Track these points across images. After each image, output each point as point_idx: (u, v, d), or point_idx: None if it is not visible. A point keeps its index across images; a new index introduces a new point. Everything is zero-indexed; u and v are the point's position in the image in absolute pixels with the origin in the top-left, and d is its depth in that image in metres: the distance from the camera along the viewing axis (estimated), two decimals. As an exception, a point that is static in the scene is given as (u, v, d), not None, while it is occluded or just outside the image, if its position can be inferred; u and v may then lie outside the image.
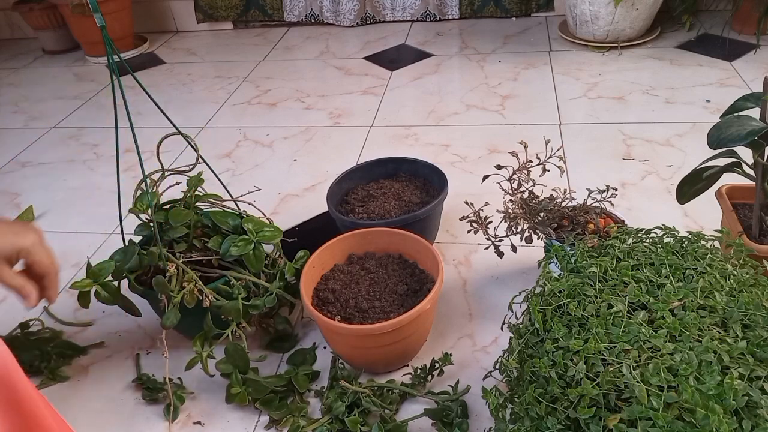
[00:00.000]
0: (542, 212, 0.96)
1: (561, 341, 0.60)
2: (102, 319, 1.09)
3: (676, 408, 0.52)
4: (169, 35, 2.54)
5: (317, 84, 1.94)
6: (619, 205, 1.17)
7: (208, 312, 0.88)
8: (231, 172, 1.50)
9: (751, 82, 1.62)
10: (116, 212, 0.97)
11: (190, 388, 0.94)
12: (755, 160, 0.83)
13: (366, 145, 1.55)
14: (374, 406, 0.83)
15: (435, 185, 1.16)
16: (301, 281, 0.91)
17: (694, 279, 0.64)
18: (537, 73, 1.83)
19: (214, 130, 1.73)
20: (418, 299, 0.88)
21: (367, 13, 2.37)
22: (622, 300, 0.62)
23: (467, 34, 2.20)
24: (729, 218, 0.91)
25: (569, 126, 1.52)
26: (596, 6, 1.85)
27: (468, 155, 1.45)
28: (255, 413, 0.89)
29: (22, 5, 2.41)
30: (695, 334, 0.57)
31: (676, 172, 1.30)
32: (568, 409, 0.57)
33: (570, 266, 0.72)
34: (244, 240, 0.91)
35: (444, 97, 1.76)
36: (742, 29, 1.90)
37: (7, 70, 2.37)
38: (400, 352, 0.91)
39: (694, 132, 1.44)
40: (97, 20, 0.78)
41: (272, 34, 2.42)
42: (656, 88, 1.66)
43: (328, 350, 0.97)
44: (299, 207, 1.34)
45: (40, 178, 1.59)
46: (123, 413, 0.92)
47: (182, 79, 2.09)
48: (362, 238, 1.00)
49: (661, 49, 1.89)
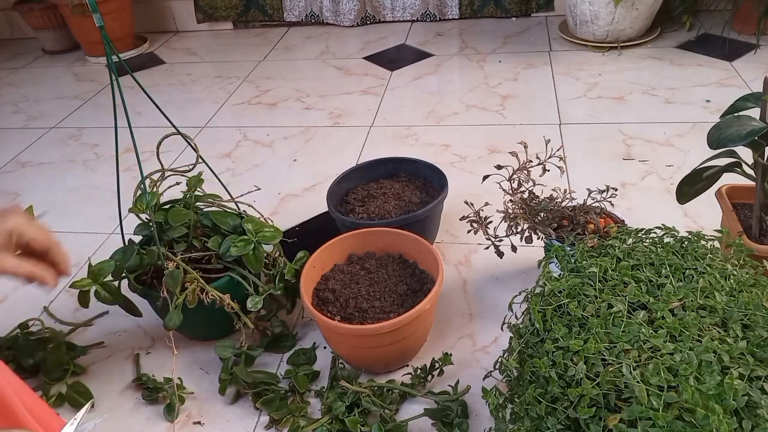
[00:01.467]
0: (542, 212, 0.96)
1: (561, 341, 0.60)
2: (102, 319, 1.09)
3: (676, 408, 0.52)
4: (169, 35, 2.54)
5: (317, 84, 1.94)
6: (619, 205, 1.17)
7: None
8: (231, 172, 1.50)
9: (751, 82, 1.62)
10: (116, 212, 0.97)
11: (190, 388, 0.94)
12: (755, 160, 0.83)
13: (366, 145, 1.55)
14: (374, 406, 0.83)
15: (435, 185, 1.16)
16: (301, 281, 0.91)
17: (694, 279, 0.64)
18: (537, 73, 1.83)
19: (214, 130, 1.73)
20: (418, 299, 0.88)
21: (367, 13, 2.37)
22: (622, 300, 0.62)
23: (467, 34, 2.20)
24: (729, 218, 0.91)
25: (569, 126, 1.52)
26: (596, 6, 1.85)
27: (468, 155, 1.45)
28: (255, 413, 0.89)
29: (22, 5, 2.41)
30: (695, 334, 0.57)
31: (676, 172, 1.30)
32: (568, 409, 0.57)
33: (570, 266, 0.72)
34: (244, 240, 0.91)
35: (444, 97, 1.76)
36: (742, 29, 1.90)
37: (7, 70, 2.37)
38: (400, 352, 0.91)
39: (694, 132, 1.44)
40: (96, 20, 0.78)
41: (272, 34, 2.42)
42: (656, 88, 1.66)
43: (328, 350, 0.97)
44: (299, 207, 1.34)
45: (40, 178, 1.59)
46: (123, 413, 0.92)
47: (182, 79, 2.09)
48: (362, 238, 1.00)
49: (661, 49, 1.89)
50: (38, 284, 0.64)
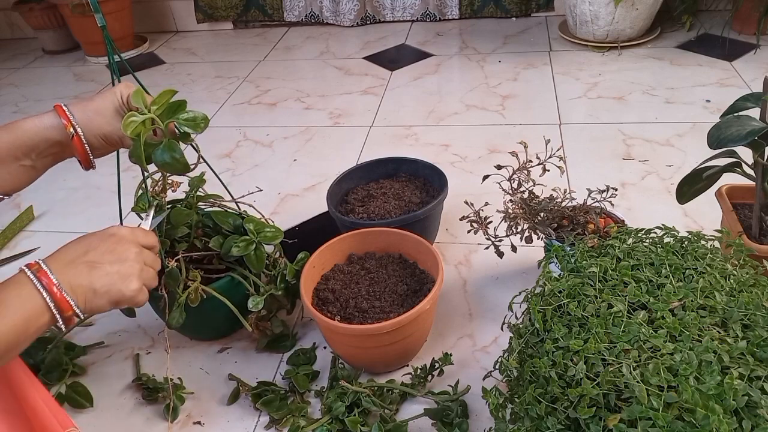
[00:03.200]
0: (542, 212, 0.96)
1: (561, 341, 0.60)
2: (102, 319, 1.09)
3: (676, 408, 0.52)
4: (169, 35, 2.54)
5: (317, 84, 1.94)
6: (619, 205, 1.18)
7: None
8: (231, 172, 1.50)
9: (751, 82, 1.62)
10: (116, 212, 0.96)
11: (190, 388, 0.94)
12: (755, 160, 0.83)
13: (366, 145, 1.55)
14: (374, 406, 0.83)
15: (435, 185, 1.16)
16: (301, 281, 0.91)
17: (694, 279, 0.64)
18: (537, 73, 1.83)
19: (214, 130, 1.73)
20: (418, 299, 0.88)
21: (367, 13, 2.37)
22: (622, 300, 0.62)
23: (467, 34, 2.20)
24: (729, 218, 0.91)
25: (569, 126, 1.52)
26: (596, 6, 1.85)
27: (468, 155, 1.45)
28: (255, 413, 0.89)
29: (22, 5, 2.41)
30: (695, 334, 0.57)
31: (676, 172, 1.30)
32: (568, 409, 0.57)
33: (570, 266, 0.72)
34: (246, 240, 0.91)
35: (444, 97, 1.76)
36: (742, 29, 1.90)
37: (7, 70, 2.37)
38: (400, 352, 0.91)
39: (694, 132, 1.44)
40: (98, 20, 0.78)
41: (272, 34, 2.43)
42: (656, 88, 1.66)
43: (328, 350, 0.97)
44: (299, 207, 1.34)
45: (40, 178, 1.58)
46: (123, 413, 0.92)
47: (182, 79, 2.10)
48: (362, 238, 1.00)
49: (661, 49, 1.90)
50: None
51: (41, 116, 0.71)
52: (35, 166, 0.72)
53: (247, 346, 1.01)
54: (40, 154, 0.72)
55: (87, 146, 0.72)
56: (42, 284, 0.59)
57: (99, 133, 0.73)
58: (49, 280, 0.60)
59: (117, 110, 0.73)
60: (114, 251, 0.66)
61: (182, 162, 0.74)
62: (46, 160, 0.73)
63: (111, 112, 0.73)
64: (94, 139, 0.73)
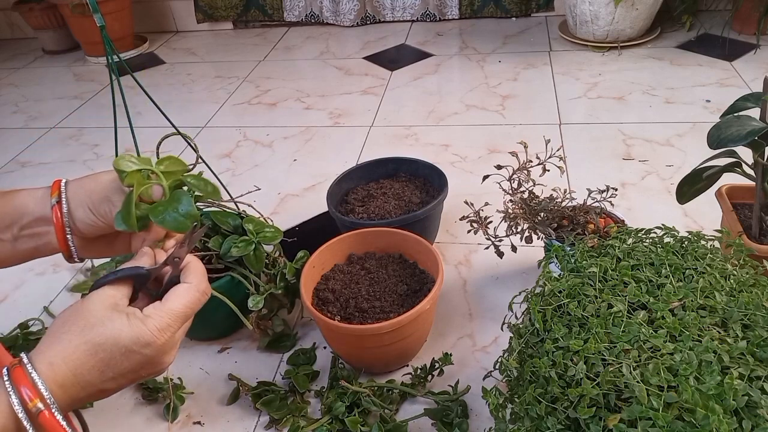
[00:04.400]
0: (542, 212, 0.96)
1: (561, 341, 0.60)
2: (102, 319, 1.09)
3: (676, 408, 0.52)
4: (169, 35, 2.54)
5: (317, 84, 1.94)
6: (619, 205, 1.17)
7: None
8: (231, 172, 1.50)
9: (751, 82, 1.62)
10: (116, 212, 0.96)
11: (190, 388, 0.94)
12: (755, 160, 0.83)
13: (366, 145, 1.55)
14: (374, 406, 0.83)
15: (435, 185, 1.16)
16: (301, 281, 0.91)
17: (694, 279, 0.64)
18: (537, 73, 1.83)
19: (214, 130, 1.73)
20: (418, 299, 0.88)
21: (367, 13, 2.37)
22: (622, 300, 0.62)
23: (467, 34, 2.20)
24: (729, 218, 0.91)
25: (569, 126, 1.52)
26: (596, 6, 1.85)
27: (468, 155, 1.45)
28: (255, 413, 0.89)
29: (22, 5, 2.41)
30: (695, 334, 0.57)
31: (676, 172, 1.30)
32: (568, 409, 0.57)
33: (570, 266, 0.72)
34: (245, 241, 0.91)
35: (444, 97, 1.76)
36: (742, 29, 1.90)
37: (7, 70, 2.37)
38: (400, 352, 0.91)
39: (694, 132, 1.44)
40: (97, 20, 0.78)
41: (272, 34, 2.43)
42: (656, 88, 1.66)
43: (328, 350, 0.97)
44: (299, 207, 1.34)
45: (40, 178, 1.58)
46: (123, 413, 0.92)
47: (182, 79, 2.09)
48: (362, 238, 1.00)
49: (661, 49, 1.90)
50: None
51: (36, 188, 0.62)
52: (15, 246, 0.61)
53: (248, 345, 1.01)
54: (23, 228, 0.61)
55: (67, 219, 0.60)
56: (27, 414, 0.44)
57: (88, 201, 0.60)
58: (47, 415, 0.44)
59: (119, 185, 0.61)
60: (152, 362, 0.51)
61: (194, 215, 0.59)
62: (27, 243, 0.61)
63: (109, 181, 0.61)
64: (80, 210, 0.60)
